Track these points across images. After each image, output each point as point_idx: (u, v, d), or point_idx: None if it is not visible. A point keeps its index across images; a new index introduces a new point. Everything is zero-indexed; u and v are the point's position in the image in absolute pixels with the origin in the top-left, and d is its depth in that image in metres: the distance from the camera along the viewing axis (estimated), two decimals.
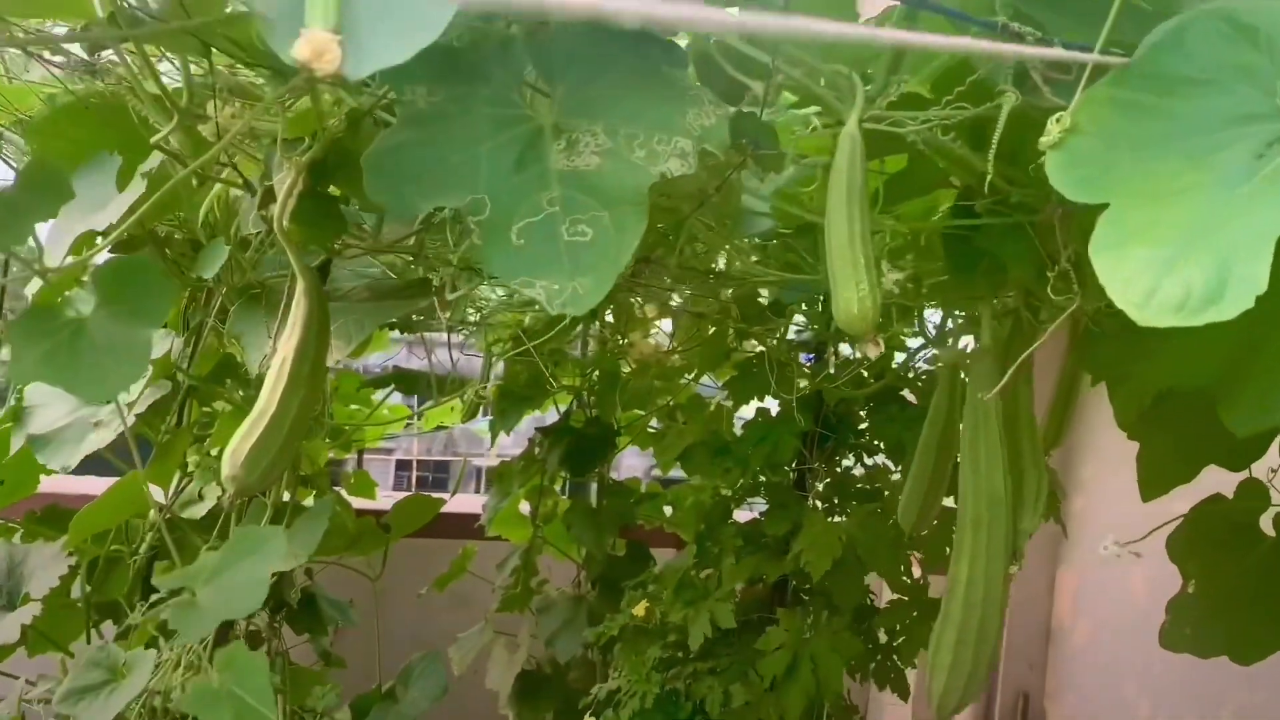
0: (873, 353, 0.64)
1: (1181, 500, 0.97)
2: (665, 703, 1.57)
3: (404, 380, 2.00)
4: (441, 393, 1.94)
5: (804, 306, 1.62)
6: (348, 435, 2.49)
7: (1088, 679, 2.89)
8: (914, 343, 1.78)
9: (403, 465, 8.98)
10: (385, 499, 3.04)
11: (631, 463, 2.82)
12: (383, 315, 1.25)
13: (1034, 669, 3.00)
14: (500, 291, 2.06)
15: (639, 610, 1.65)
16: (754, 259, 1.13)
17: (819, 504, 1.69)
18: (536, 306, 2.24)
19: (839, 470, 1.75)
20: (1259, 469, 0.93)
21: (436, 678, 1.11)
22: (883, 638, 1.66)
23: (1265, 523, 0.93)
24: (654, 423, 2.33)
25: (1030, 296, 0.85)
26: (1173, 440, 0.90)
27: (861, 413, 1.75)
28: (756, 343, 1.77)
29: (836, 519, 1.64)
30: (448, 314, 1.28)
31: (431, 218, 0.90)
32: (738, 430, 1.82)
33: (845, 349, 1.76)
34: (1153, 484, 0.90)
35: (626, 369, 2.25)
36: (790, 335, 1.81)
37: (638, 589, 1.73)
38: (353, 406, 2.59)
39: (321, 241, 1.02)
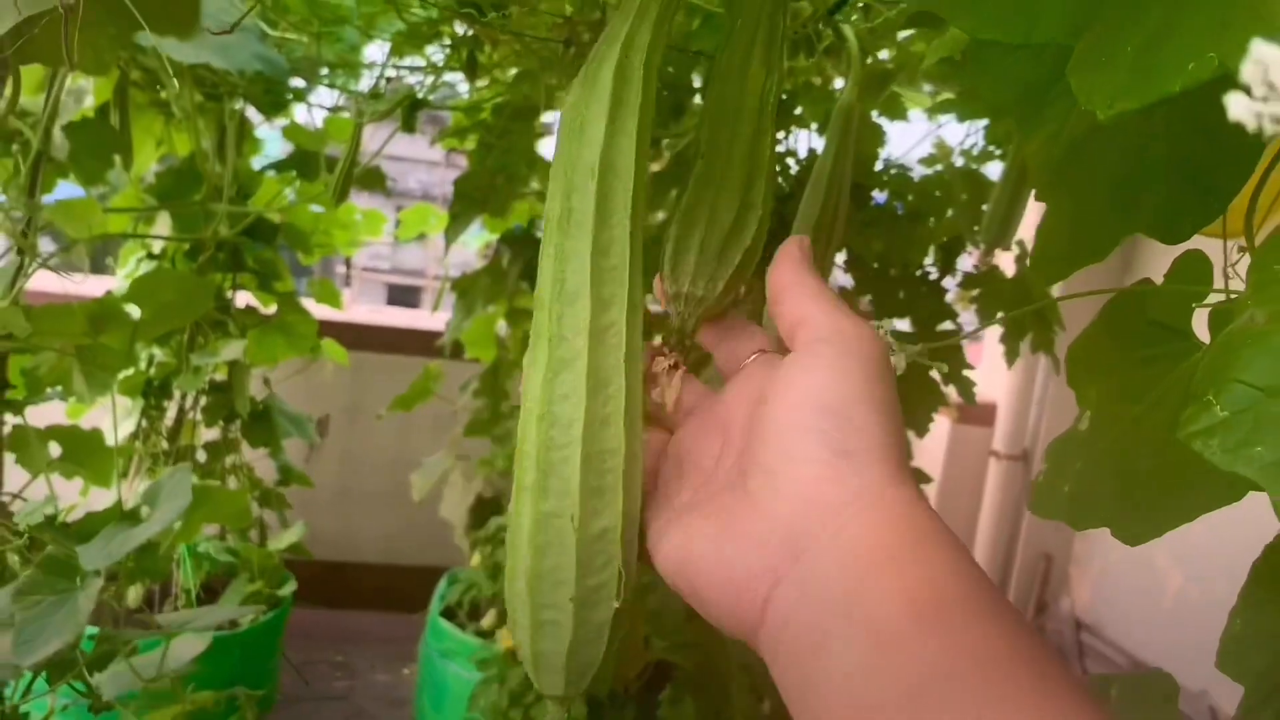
0: None
1: None
2: None
3: (300, 161, 1.72)
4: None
5: None
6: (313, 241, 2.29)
7: (1116, 543, 2.59)
8: None
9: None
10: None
11: None
12: None
13: (1058, 529, 2.72)
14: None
15: None
16: None
17: None
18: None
19: None
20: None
21: (182, 494, 0.90)
22: None
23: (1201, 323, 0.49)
24: None
25: None
26: (1082, 194, 0.52)
27: None
28: None
29: None
30: None
31: None
32: None
33: None
34: (1048, 261, 0.54)
35: None
36: None
37: None
38: (314, 208, 2.36)
39: None
